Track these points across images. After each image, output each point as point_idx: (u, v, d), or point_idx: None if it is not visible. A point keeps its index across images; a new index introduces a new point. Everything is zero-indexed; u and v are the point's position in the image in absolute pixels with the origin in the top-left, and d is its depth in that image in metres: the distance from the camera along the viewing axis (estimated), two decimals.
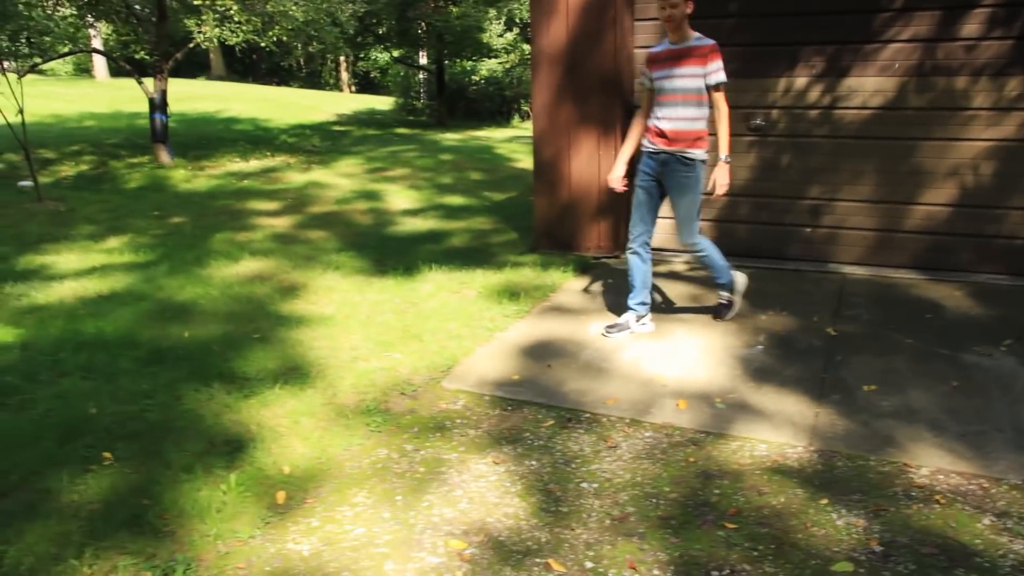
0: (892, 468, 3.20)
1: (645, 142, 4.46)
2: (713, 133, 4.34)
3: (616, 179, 4.60)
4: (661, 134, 4.34)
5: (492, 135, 16.38)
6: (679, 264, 6.21)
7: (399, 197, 9.10)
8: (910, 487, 3.06)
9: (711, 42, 4.22)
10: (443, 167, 11.22)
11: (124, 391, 3.93)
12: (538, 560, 2.66)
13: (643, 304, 4.62)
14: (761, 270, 5.96)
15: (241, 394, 3.88)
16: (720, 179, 4.36)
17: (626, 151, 4.63)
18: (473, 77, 21.50)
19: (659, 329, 4.72)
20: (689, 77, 4.23)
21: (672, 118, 4.30)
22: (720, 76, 4.22)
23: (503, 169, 11.08)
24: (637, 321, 4.62)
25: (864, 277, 5.81)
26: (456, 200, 8.90)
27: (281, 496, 3.05)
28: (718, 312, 4.86)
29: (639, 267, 4.56)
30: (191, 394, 3.88)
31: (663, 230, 6.37)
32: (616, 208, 6.27)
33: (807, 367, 4.16)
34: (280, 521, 2.91)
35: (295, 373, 4.13)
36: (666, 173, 4.38)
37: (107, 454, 3.32)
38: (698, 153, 4.33)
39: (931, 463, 3.22)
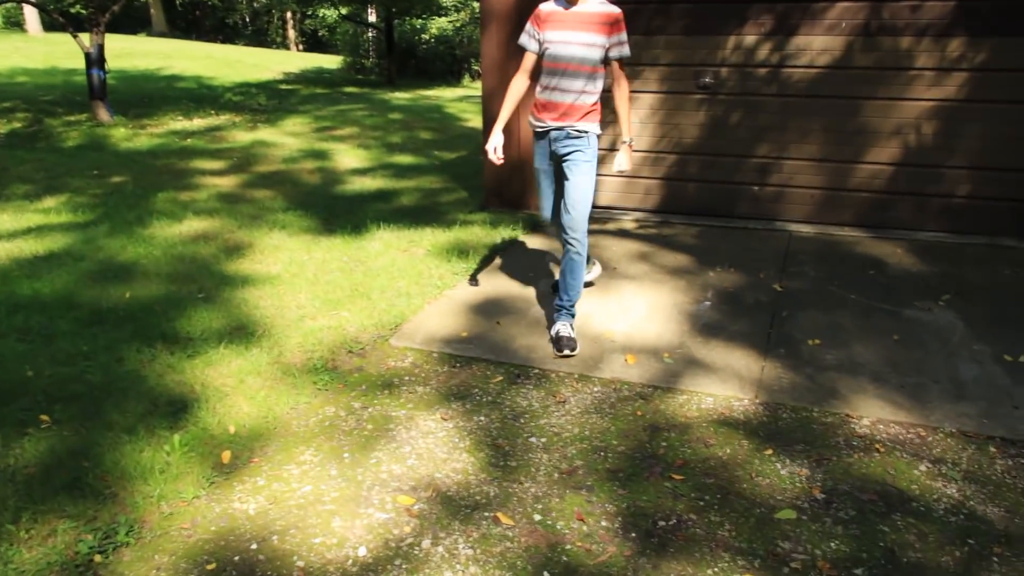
0: (835, 419, 3.27)
1: (532, 120, 3.87)
2: (612, 111, 4.06)
3: (493, 149, 3.89)
4: (551, 107, 3.75)
5: (442, 94, 16.18)
6: (628, 222, 6.23)
7: (347, 156, 8.95)
8: (852, 437, 3.14)
9: (618, 10, 3.69)
10: (392, 126, 11.05)
11: (63, 353, 3.82)
12: (487, 514, 2.67)
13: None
14: (710, 228, 6.00)
15: (185, 354, 3.80)
16: (621, 162, 3.88)
17: (503, 117, 3.89)
18: (423, 35, 21.15)
19: (608, 287, 4.73)
20: (589, 46, 3.64)
21: (565, 90, 3.70)
22: (625, 50, 3.72)
23: (453, 128, 10.96)
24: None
25: (810, 235, 5.89)
26: (405, 159, 8.78)
27: (226, 456, 3.00)
28: (558, 345, 3.88)
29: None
30: (133, 355, 3.79)
31: (611, 188, 6.37)
32: None
33: (754, 322, 4.22)
34: (225, 481, 2.87)
35: (240, 332, 4.06)
36: (559, 151, 3.80)
37: (44, 417, 3.23)
38: (593, 127, 3.77)
39: (872, 413, 3.30)
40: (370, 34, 21.83)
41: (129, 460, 2.95)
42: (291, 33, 34.97)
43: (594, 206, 6.28)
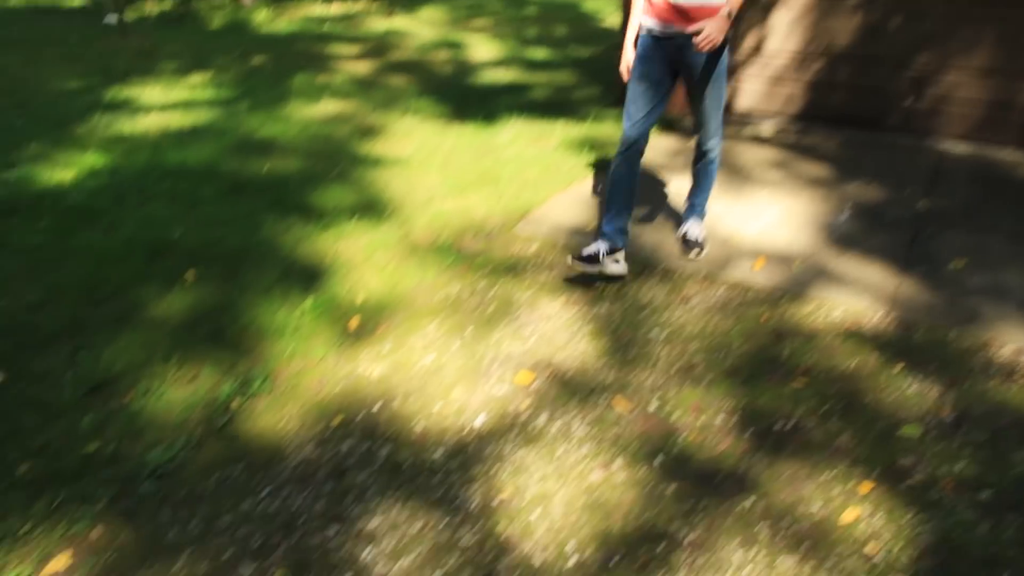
0: (973, 343, 3.10)
1: (649, 22, 3.27)
2: None
3: (626, 68, 3.53)
4: (677, 11, 3.17)
5: None
6: (767, 128, 5.96)
7: (481, 48, 8.86)
8: (990, 363, 2.97)
9: None
10: (528, 20, 10.84)
11: (206, 217, 4.02)
12: (604, 398, 2.70)
13: (621, 233, 3.45)
14: (855, 139, 5.68)
15: (318, 226, 3.93)
16: (710, 29, 3.03)
17: (631, 32, 3.45)
18: None
19: (741, 191, 4.58)
20: None
21: None
22: None
23: (589, 25, 10.65)
24: (610, 255, 3.41)
25: (966, 154, 5.49)
26: (539, 54, 8.62)
27: (354, 323, 3.13)
28: (686, 245, 3.78)
29: (624, 180, 3.42)
30: (270, 224, 3.95)
31: (750, 93, 6.09)
32: None
33: (893, 238, 4.00)
34: (352, 345, 2.99)
35: (371, 210, 4.16)
36: (684, 60, 3.27)
37: (190, 274, 3.43)
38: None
39: (1017, 341, 3.11)
40: None
41: (265, 319, 3.11)
42: None
43: (732, 111, 6.04)
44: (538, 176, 4.70)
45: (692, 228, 3.79)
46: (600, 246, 3.38)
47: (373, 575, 2.03)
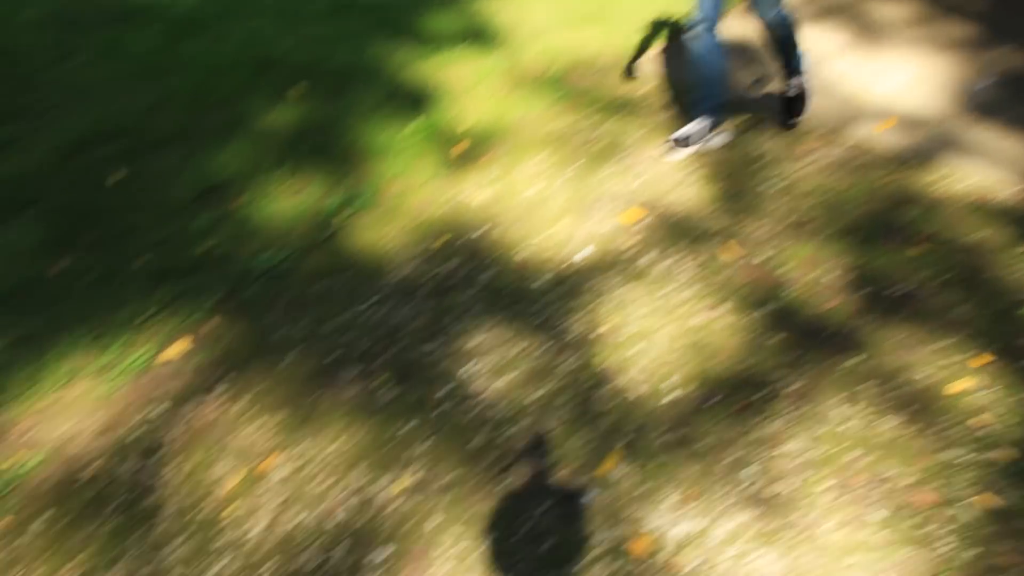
0: None
1: None
2: None
3: None
4: None
5: None
6: None
7: None
8: None
9: None
10: None
11: (313, 35, 3.95)
12: (712, 243, 2.62)
13: (717, 110, 3.09)
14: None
15: (425, 50, 3.83)
16: None
17: None
18: None
19: (873, 47, 4.25)
20: None
21: None
22: None
23: None
24: (711, 132, 3.12)
25: None
26: None
27: (459, 149, 3.07)
28: (792, 107, 3.30)
29: (708, 58, 2.96)
30: (377, 45, 3.86)
31: None
32: None
33: None
34: (456, 171, 2.96)
35: (479, 38, 4.02)
36: None
37: (296, 90, 3.40)
38: None
39: None
40: None
41: (370, 138, 3.08)
42: None
43: None
44: (657, 16, 4.44)
45: (795, 81, 3.27)
46: (697, 127, 3.07)
47: (471, 390, 2.07)
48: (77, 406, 2.01)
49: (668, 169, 3.02)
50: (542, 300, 2.37)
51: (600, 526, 1.74)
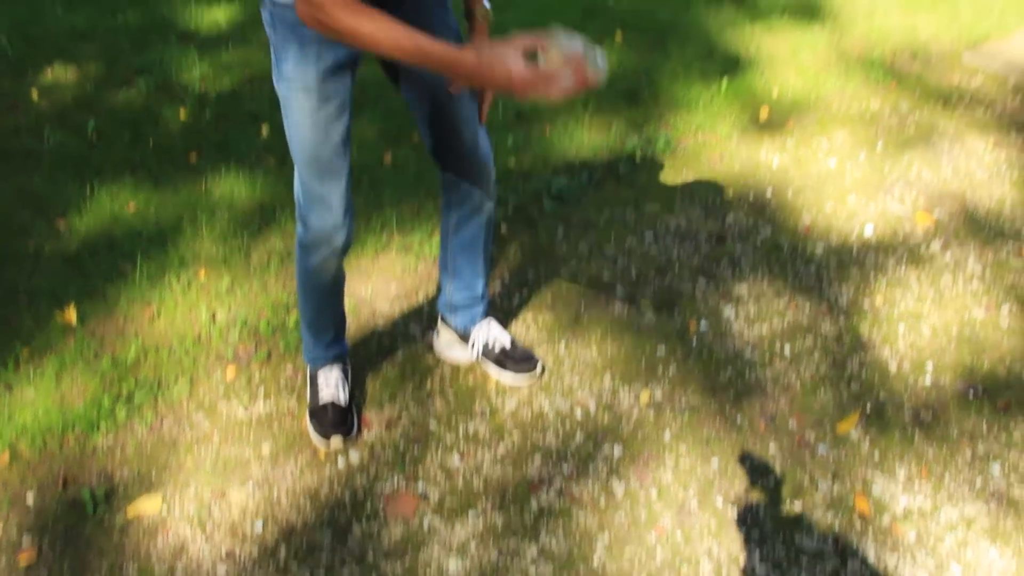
0: None
1: None
2: None
3: None
4: None
5: None
6: None
7: None
8: None
9: None
10: None
11: None
12: (1010, 244, 2.49)
13: None
14: None
15: (748, 16, 3.88)
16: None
17: None
18: None
19: None
20: None
21: None
22: None
23: None
24: None
25: None
26: None
27: (764, 112, 3.13)
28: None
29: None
30: (700, 5, 3.98)
31: None
32: None
33: None
34: (758, 133, 3.02)
35: (806, 10, 3.98)
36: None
37: (618, 36, 3.62)
38: None
39: None
40: None
41: (679, 90, 3.23)
42: None
43: None
44: (1007, 4, 4.11)
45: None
46: None
47: (731, 329, 2.19)
48: (384, 272, 2.39)
49: (980, 164, 2.87)
50: (817, 264, 2.41)
51: (828, 477, 1.80)
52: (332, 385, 1.93)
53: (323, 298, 1.87)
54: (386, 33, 1.23)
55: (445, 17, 1.61)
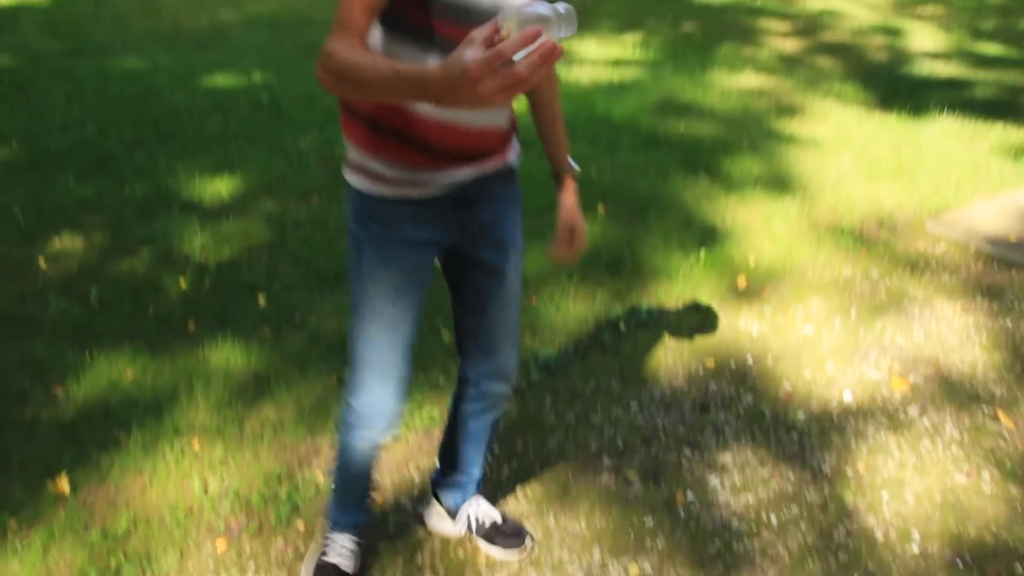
0: None
1: (391, 171, 1.53)
2: None
3: None
4: (453, 134, 1.50)
5: None
6: None
7: (923, 37, 8.25)
8: None
9: None
10: (985, 11, 9.80)
11: (621, 163, 4.40)
12: (986, 409, 2.57)
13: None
14: None
15: (722, 187, 4.11)
16: (575, 217, 1.84)
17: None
18: None
19: None
20: None
21: None
22: None
23: None
24: None
25: None
26: (992, 49, 7.81)
27: (742, 281, 3.28)
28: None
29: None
30: (678, 178, 4.22)
31: None
32: None
33: None
34: (736, 301, 3.16)
35: (776, 182, 4.23)
36: (470, 231, 1.66)
37: (601, 208, 3.82)
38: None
39: None
40: None
41: (660, 260, 3.39)
42: None
43: None
44: (962, 176, 4.39)
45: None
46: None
47: (717, 500, 2.22)
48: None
49: (951, 329, 3.00)
50: (800, 430, 2.47)
51: None
52: (344, 551, 1.94)
53: (357, 471, 1.87)
54: (371, 61, 1.18)
55: (517, 217, 1.73)
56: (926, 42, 8.05)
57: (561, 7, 1.01)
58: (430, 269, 1.66)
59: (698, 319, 3.03)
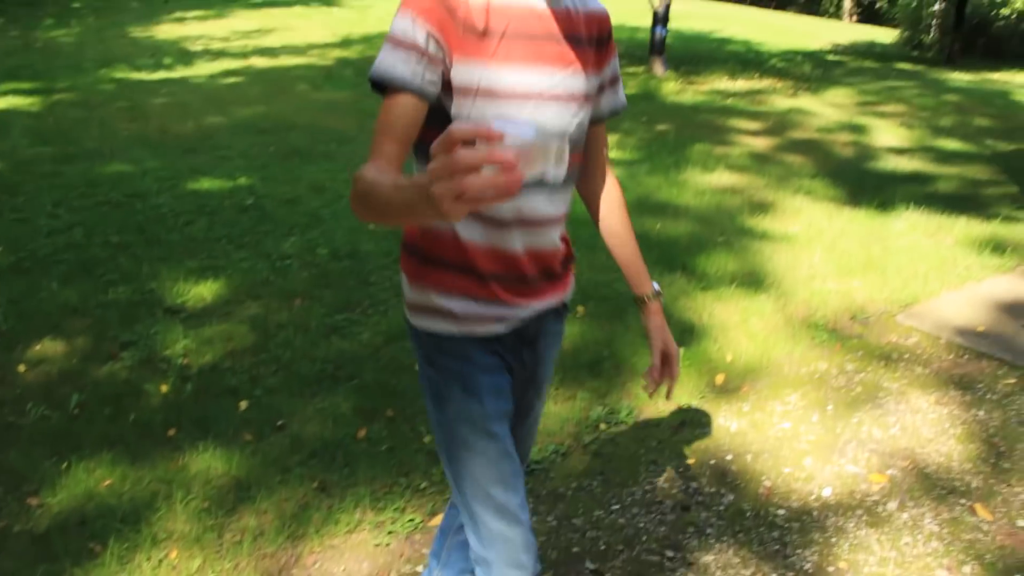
0: None
1: (453, 304, 1.51)
2: None
3: None
4: (508, 262, 1.50)
5: (1012, 79, 14.36)
6: None
7: (887, 134, 8.58)
8: None
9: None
10: (944, 108, 10.22)
11: (599, 263, 4.48)
12: (963, 502, 2.60)
13: None
14: None
15: (698, 285, 4.20)
16: (667, 343, 1.78)
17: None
18: (1002, 11, 18.79)
19: None
20: (581, 100, 1.51)
21: (540, 214, 1.51)
22: (622, 95, 1.69)
23: (1018, 118, 9.75)
24: None
25: None
26: (952, 145, 8.13)
27: (720, 378, 3.32)
28: None
29: None
30: (656, 276, 4.24)
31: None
32: None
33: None
34: (715, 398, 3.20)
35: (751, 279, 4.33)
36: (527, 359, 1.65)
37: (580, 309, 3.89)
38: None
39: None
40: (936, 6, 20.07)
41: (639, 359, 3.44)
42: (847, 3, 33.60)
43: None
44: (929, 269, 4.52)
45: None
46: None
47: None
48: (357, 550, 2.41)
49: (926, 421, 3.05)
50: (781, 529, 2.48)
51: None
52: None
53: None
54: (381, 179, 1.17)
55: (556, 353, 1.73)
56: (889, 138, 8.37)
57: (553, 145, 0.91)
58: (510, 393, 1.58)
59: (677, 417, 3.06)
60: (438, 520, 2.51)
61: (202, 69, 10.19)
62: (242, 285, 4.12)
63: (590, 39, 1.50)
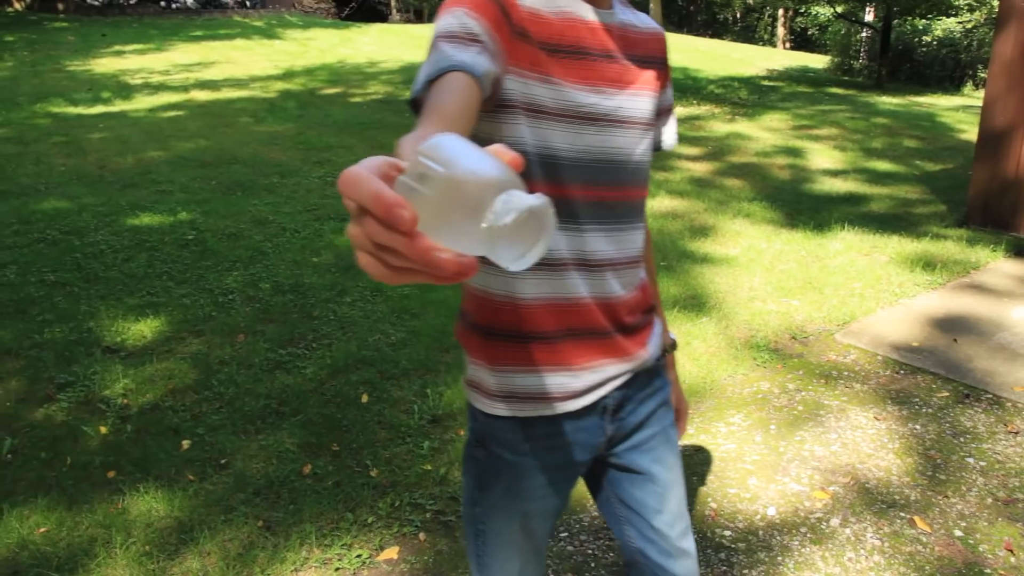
0: None
1: (517, 378, 1.31)
2: None
3: None
4: (582, 314, 1.30)
5: (937, 102, 14.92)
6: None
7: (821, 156, 8.83)
8: None
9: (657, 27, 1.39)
10: (874, 131, 10.56)
11: None
12: (903, 515, 2.66)
13: None
14: None
15: None
16: (679, 400, 1.65)
17: None
18: (924, 37, 19.56)
19: None
20: (646, 126, 1.34)
21: (623, 254, 1.35)
22: (674, 127, 1.50)
23: (943, 139, 10.12)
24: None
25: None
26: (883, 166, 8.40)
27: None
28: None
29: None
30: None
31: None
32: None
33: None
34: None
35: (693, 301, 4.40)
36: (623, 426, 1.41)
37: None
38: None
39: None
40: (864, 34, 20.79)
41: None
42: (780, 31, 34.68)
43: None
44: (864, 287, 4.65)
45: None
46: None
47: None
48: None
49: (866, 437, 3.12)
50: (728, 550, 2.50)
51: None
52: None
53: None
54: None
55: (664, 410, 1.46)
56: (824, 161, 8.60)
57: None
58: (568, 487, 1.41)
59: None
60: (386, 555, 2.48)
61: (142, 103, 10.05)
62: (183, 321, 4.05)
63: (649, 59, 1.33)
